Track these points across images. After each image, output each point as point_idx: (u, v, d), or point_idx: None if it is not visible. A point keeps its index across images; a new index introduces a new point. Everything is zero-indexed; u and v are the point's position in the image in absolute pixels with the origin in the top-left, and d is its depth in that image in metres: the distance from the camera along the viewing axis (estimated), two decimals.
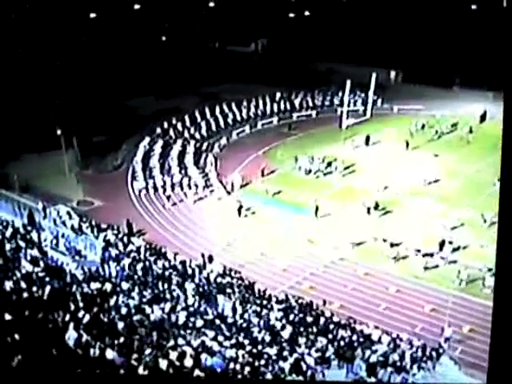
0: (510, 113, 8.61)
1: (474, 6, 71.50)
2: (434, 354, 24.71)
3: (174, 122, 57.08)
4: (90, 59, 65.50)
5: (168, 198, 42.55)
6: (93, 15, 64.45)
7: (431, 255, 33.88)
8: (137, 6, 68.14)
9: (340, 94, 63.77)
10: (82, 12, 63.02)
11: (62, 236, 31.35)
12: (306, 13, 79.06)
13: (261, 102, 64.17)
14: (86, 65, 64.32)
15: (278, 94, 65.89)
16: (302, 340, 23.20)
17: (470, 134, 55.38)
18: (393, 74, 77.89)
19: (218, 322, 22.90)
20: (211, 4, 76.82)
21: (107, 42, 69.44)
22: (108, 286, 22.72)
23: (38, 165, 43.88)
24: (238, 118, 61.78)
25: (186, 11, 77.00)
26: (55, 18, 60.11)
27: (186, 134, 55.69)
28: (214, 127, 58.82)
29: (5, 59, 53.12)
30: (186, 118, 58.20)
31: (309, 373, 19.61)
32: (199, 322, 21.61)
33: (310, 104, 66.72)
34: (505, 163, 8.45)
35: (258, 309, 25.80)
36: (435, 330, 27.33)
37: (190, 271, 29.50)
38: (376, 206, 39.99)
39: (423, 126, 57.85)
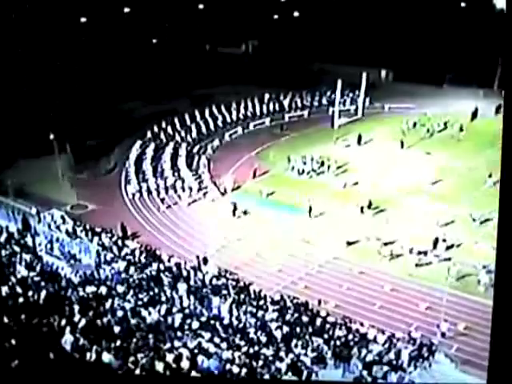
0: (510, 113, 8.66)
1: (463, 4, 71.92)
2: (429, 351, 24.79)
3: (165, 125, 57.06)
4: (81, 64, 65.31)
5: (162, 200, 42.53)
6: (83, 19, 64.34)
7: (425, 253, 33.95)
8: (126, 9, 68.08)
9: (332, 94, 63.89)
10: (72, 16, 62.88)
11: (57, 240, 31.29)
12: (296, 14, 79.14)
13: (252, 104, 64.24)
14: (78, 69, 64.12)
15: (270, 95, 65.94)
16: (297, 340, 23.23)
17: (461, 132, 55.51)
18: (383, 72, 78.12)
19: (213, 323, 22.92)
20: (201, 6, 76.80)
21: (98, 46, 69.25)
22: (103, 290, 22.76)
23: (31, 170, 43.81)
24: (230, 119, 61.85)
25: (175, 13, 76.89)
26: (46, 24, 59.91)
27: (178, 137, 55.68)
28: (206, 129, 58.87)
29: None
30: (178, 120, 58.18)
31: (305, 373, 19.66)
32: (195, 324, 21.63)
33: (302, 104, 66.83)
34: (505, 162, 8.50)
35: (254, 310, 25.83)
36: (431, 328, 27.41)
37: (185, 273, 29.50)
38: (369, 205, 40.07)
39: (415, 125, 57.96)
